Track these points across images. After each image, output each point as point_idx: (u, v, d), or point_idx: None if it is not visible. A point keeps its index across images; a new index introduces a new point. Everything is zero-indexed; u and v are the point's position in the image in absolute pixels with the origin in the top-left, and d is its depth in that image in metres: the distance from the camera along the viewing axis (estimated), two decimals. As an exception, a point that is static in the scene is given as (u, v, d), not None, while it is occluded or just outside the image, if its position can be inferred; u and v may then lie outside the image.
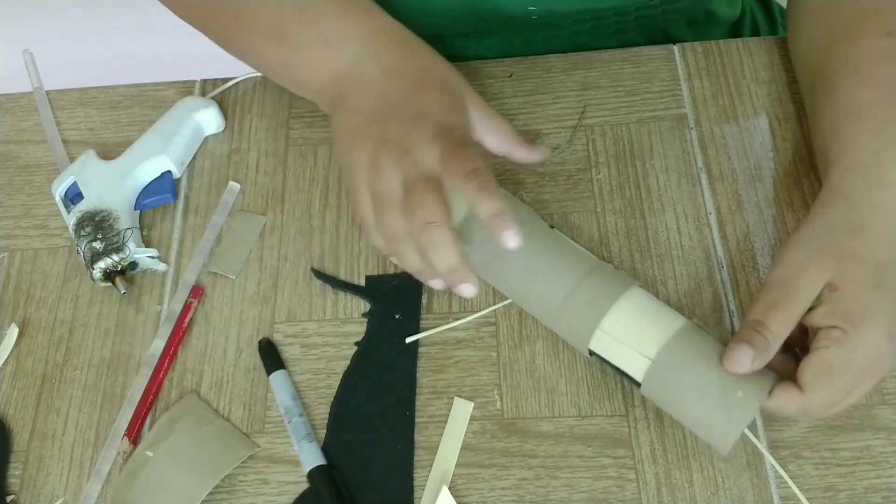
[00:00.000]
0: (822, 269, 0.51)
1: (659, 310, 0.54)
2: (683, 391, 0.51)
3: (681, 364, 0.51)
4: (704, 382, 0.51)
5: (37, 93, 0.74)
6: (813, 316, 0.51)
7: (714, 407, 0.50)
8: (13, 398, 0.60)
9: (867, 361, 0.50)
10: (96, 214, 0.63)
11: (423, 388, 0.58)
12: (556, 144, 0.67)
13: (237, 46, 0.63)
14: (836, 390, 0.50)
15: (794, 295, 0.51)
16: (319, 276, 0.63)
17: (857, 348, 0.50)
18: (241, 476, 0.56)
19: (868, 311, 0.50)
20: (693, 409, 0.51)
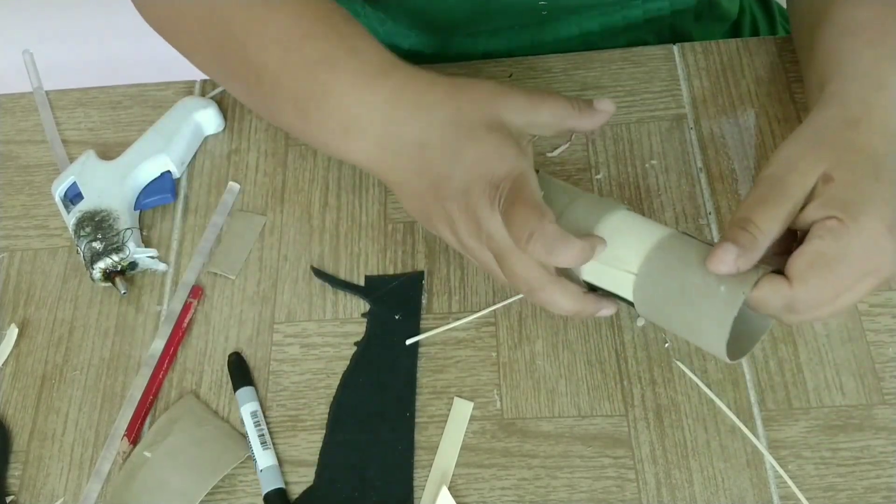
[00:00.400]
0: (815, 161, 0.49)
1: (642, 225, 0.51)
2: (669, 300, 0.49)
3: (664, 273, 0.49)
4: (688, 287, 0.48)
5: (37, 93, 0.74)
6: (807, 210, 0.48)
7: (699, 309, 0.48)
8: (13, 398, 0.60)
9: (864, 254, 0.47)
10: (96, 214, 0.63)
11: (423, 388, 0.58)
12: (556, 144, 0.67)
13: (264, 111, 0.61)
14: (829, 284, 0.47)
15: (785, 189, 0.48)
16: (319, 275, 0.63)
17: (854, 238, 0.46)
18: (241, 476, 0.56)
19: (866, 199, 0.47)
20: (681, 318, 0.49)
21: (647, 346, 0.58)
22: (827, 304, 0.48)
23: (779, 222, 0.48)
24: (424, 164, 0.52)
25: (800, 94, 0.68)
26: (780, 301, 0.48)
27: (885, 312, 0.58)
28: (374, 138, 0.53)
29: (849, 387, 0.56)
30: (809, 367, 0.57)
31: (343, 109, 0.54)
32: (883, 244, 0.47)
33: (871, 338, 0.58)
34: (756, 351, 0.58)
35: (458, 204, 0.50)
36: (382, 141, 0.53)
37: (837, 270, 0.47)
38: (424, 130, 0.52)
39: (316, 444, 0.57)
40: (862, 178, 0.48)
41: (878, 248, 0.47)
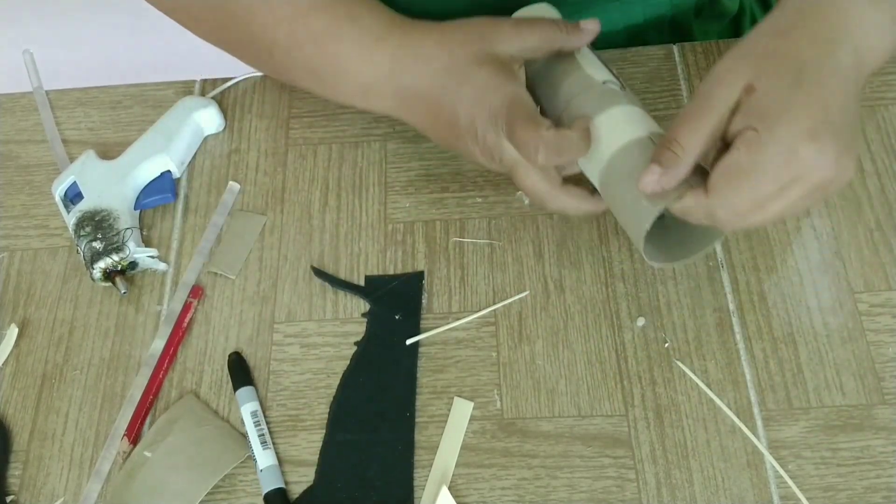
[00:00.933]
0: (740, 72, 0.49)
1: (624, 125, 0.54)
2: (616, 206, 0.54)
3: (614, 182, 0.54)
4: (627, 198, 0.52)
5: (37, 93, 0.74)
6: (731, 123, 0.48)
7: (630, 220, 0.53)
8: (13, 398, 0.60)
9: (781, 163, 0.47)
10: (96, 214, 0.63)
11: (423, 388, 0.58)
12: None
13: (280, 77, 0.67)
14: (744, 194, 0.48)
15: (709, 103, 0.49)
16: (319, 275, 0.63)
17: (769, 147, 0.46)
18: (241, 476, 0.56)
19: (784, 108, 0.47)
20: (625, 223, 0.55)
21: (647, 346, 0.58)
22: (750, 213, 0.49)
23: (701, 137, 0.49)
24: (434, 111, 0.58)
25: (800, 94, 0.68)
26: (701, 211, 0.50)
27: (885, 312, 0.58)
28: (390, 95, 0.59)
29: (849, 387, 0.56)
30: (809, 367, 0.57)
31: (356, 77, 0.60)
32: (803, 152, 0.47)
33: (871, 338, 0.58)
34: (756, 351, 0.58)
35: (471, 139, 0.56)
36: (398, 96, 0.59)
37: (752, 180, 0.47)
38: (426, 81, 0.58)
39: (316, 444, 0.57)
40: (782, 86, 0.48)
41: (797, 156, 0.47)
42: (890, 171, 0.64)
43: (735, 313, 0.59)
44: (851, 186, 0.63)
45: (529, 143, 0.53)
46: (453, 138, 0.58)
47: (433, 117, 0.58)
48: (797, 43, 0.50)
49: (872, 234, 0.61)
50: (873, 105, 0.67)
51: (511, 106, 0.54)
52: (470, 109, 0.56)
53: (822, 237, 0.62)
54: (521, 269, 0.62)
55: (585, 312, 0.60)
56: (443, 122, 0.58)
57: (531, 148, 0.53)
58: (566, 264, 0.62)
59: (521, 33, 0.57)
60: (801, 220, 0.62)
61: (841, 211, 0.62)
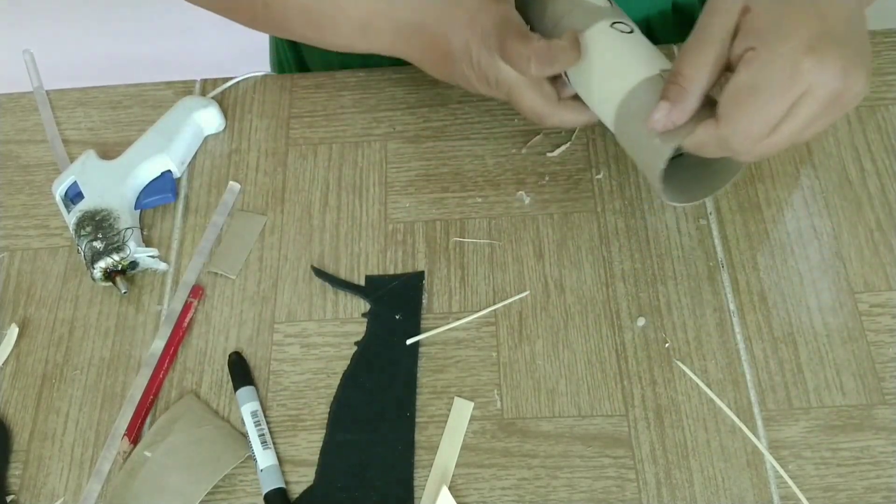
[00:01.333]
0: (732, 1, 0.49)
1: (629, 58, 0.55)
2: (631, 145, 0.55)
3: (628, 120, 0.54)
4: (641, 137, 0.53)
5: (37, 93, 0.74)
6: (733, 48, 0.48)
7: (644, 160, 0.54)
8: (13, 398, 0.60)
9: (785, 79, 0.46)
10: (96, 214, 0.63)
11: (423, 388, 0.58)
12: (556, 144, 0.67)
13: (275, 31, 0.68)
14: (753, 116, 0.47)
15: (706, 33, 0.49)
16: (319, 275, 0.63)
17: (769, 64, 0.46)
18: (241, 476, 0.56)
19: (780, 23, 0.47)
20: (640, 163, 0.56)
21: (647, 346, 0.58)
22: (763, 136, 0.48)
23: (705, 67, 0.49)
24: (430, 41, 0.59)
25: (800, 95, 0.68)
26: (715, 142, 0.49)
27: (885, 312, 0.58)
28: (388, 32, 0.61)
29: (849, 387, 0.56)
30: (809, 367, 0.57)
31: (353, 17, 0.61)
32: (804, 64, 0.46)
33: (871, 338, 0.58)
34: (756, 351, 0.58)
35: (466, 64, 0.58)
36: (395, 31, 0.60)
37: (758, 100, 0.47)
38: (420, 12, 0.59)
39: (316, 443, 0.57)
40: (776, 4, 0.48)
41: (799, 70, 0.46)
42: (890, 171, 0.64)
43: (735, 313, 0.59)
44: (851, 186, 0.63)
45: (522, 56, 0.55)
46: (450, 67, 0.59)
47: (430, 48, 0.60)
48: None
49: (872, 234, 0.61)
50: (873, 105, 0.67)
51: (502, 24, 0.56)
52: (463, 33, 0.57)
53: (822, 237, 0.62)
54: (521, 269, 0.62)
55: (585, 312, 0.60)
56: (440, 52, 0.59)
57: (523, 60, 0.55)
58: (566, 264, 0.62)
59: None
60: (801, 221, 0.62)
61: (841, 211, 0.63)
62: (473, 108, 0.69)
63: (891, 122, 0.66)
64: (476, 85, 0.59)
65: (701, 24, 0.50)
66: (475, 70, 0.58)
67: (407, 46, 0.61)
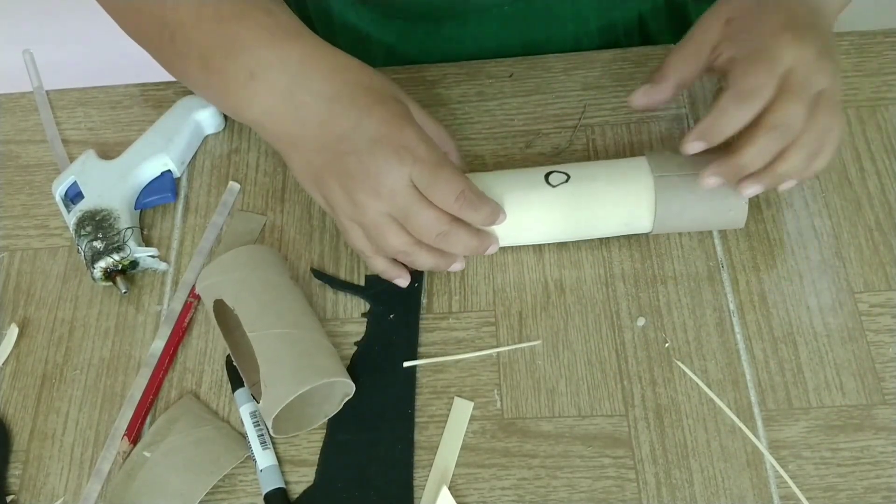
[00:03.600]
0: (718, 13, 0.57)
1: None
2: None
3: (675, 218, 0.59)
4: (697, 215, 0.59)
5: (37, 93, 0.74)
6: (718, 54, 0.55)
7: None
8: (13, 398, 0.60)
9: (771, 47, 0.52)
10: (96, 214, 0.63)
11: (423, 387, 0.58)
12: (556, 144, 0.67)
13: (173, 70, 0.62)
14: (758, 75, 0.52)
15: (692, 35, 0.57)
16: (319, 276, 0.63)
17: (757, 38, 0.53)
18: (241, 476, 0.56)
19: (755, 20, 0.54)
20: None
21: (647, 346, 0.58)
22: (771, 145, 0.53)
23: (685, 60, 0.57)
24: (331, 117, 0.54)
25: (800, 94, 0.68)
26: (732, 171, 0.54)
27: (885, 312, 0.58)
28: (280, 88, 0.55)
29: (849, 387, 0.56)
30: (809, 367, 0.57)
31: (252, 57, 0.55)
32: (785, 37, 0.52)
33: (871, 338, 0.58)
34: (756, 351, 0.58)
35: (360, 159, 0.53)
36: (289, 91, 0.55)
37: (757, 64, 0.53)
38: (336, 87, 0.55)
39: (316, 443, 0.57)
40: (750, 5, 0.55)
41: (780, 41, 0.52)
42: (890, 171, 0.64)
43: (735, 313, 0.59)
44: (851, 186, 0.63)
45: (456, 186, 0.54)
46: (330, 155, 0.55)
47: (320, 126, 0.55)
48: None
49: (872, 234, 0.61)
50: (873, 105, 0.67)
51: (436, 150, 0.55)
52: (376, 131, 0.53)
53: (822, 237, 0.62)
54: (521, 269, 0.62)
55: (585, 312, 0.60)
56: (331, 133, 0.54)
57: (457, 191, 0.54)
58: (566, 264, 0.62)
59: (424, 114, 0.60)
60: (801, 221, 0.62)
61: (841, 211, 0.62)
62: (473, 109, 0.69)
63: (891, 122, 0.66)
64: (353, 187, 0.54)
65: (690, 31, 0.58)
66: (364, 170, 0.53)
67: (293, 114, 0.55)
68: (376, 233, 0.56)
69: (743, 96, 0.53)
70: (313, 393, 0.56)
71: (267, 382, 0.53)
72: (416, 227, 0.55)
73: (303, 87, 0.55)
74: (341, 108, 0.54)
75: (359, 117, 0.54)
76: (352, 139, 0.54)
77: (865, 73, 0.68)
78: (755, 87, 0.52)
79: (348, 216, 0.56)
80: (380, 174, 0.53)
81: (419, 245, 0.57)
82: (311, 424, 0.57)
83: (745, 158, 0.53)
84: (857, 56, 0.69)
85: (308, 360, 0.54)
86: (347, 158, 0.54)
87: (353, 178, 0.54)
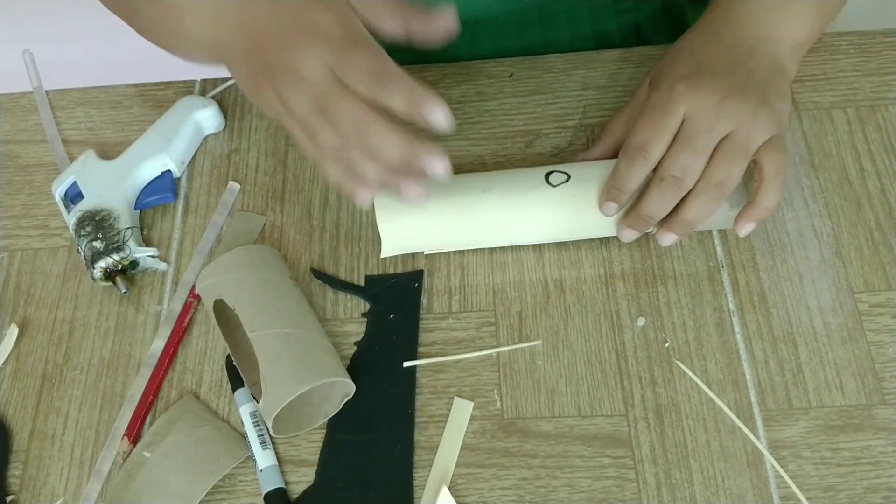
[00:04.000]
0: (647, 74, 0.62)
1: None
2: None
3: None
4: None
5: (37, 93, 0.74)
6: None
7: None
8: (13, 398, 0.60)
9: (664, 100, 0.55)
10: (96, 214, 0.63)
11: (423, 387, 0.58)
12: (556, 144, 0.67)
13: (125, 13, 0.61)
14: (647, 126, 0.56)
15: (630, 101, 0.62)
16: (319, 277, 0.63)
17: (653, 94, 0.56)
18: (241, 476, 0.56)
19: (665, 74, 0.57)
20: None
21: (647, 346, 0.58)
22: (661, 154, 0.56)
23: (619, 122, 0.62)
24: (249, 20, 0.52)
25: (800, 94, 0.68)
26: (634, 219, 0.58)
27: (885, 312, 0.58)
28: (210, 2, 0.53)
29: (849, 387, 0.56)
30: (809, 367, 0.57)
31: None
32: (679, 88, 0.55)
33: (871, 338, 0.58)
34: (756, 351, 0.58)
35: (280, 52, 0.50)
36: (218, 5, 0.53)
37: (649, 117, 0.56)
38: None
39: (316, 443, 0.57)
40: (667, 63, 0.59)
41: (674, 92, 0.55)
42: (890, 171, 0.64)
43: (735, 313, 0.59)
44: (851, 186, 0.63)
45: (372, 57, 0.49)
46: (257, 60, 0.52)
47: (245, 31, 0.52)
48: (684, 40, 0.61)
49: (872, 234, 0.61)
50: (873, 105, 0.67)
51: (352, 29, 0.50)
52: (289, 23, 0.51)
53: (822, 237, 0.62)
54: (521, 269, 0.62)
55: (585, 312, 0.60)
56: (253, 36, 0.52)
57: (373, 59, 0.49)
58: (566, 264, 0.62)
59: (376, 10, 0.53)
60: (801, 221, 0.62)
61: (841, 211, 0.62)
62: (473, 109, 0.69)
63: (891, 122, 0.66)
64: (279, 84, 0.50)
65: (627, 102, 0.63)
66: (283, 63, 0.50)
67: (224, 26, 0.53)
68: (309, 133, 0.51)
69: (630, 154, 0.56)
70: (313, 393, 0.56)
71: (267, 382, 0.53)
72: (335, 120, 0.50)
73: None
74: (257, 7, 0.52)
75: (273, 14, 0.51)
76: (270, 33, 0.51)
77: (865, 73, 0.68)
78: (641, 144, 0.55)
79: (286, 119, 0.52)
80: (294, 62, 0.49)
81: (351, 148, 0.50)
82: (311, 424, 0.57)
83: (644, 210, 0.56)
84: (857, 56, 0.69)
85: (308, 361, 0.54)
86: (269, 55, 0.51)
87: (276, 74, 0.50)
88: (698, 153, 0.54)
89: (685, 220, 0.57)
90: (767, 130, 0.55)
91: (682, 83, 0.55)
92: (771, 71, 0.57)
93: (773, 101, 0.55)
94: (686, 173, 0.54)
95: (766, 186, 0.56)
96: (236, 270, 0.58)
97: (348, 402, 0.57)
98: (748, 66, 0.56)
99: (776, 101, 0.56)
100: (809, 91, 0.68)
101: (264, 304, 0.56)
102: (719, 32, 0.59)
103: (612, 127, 0.62)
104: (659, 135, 0.55)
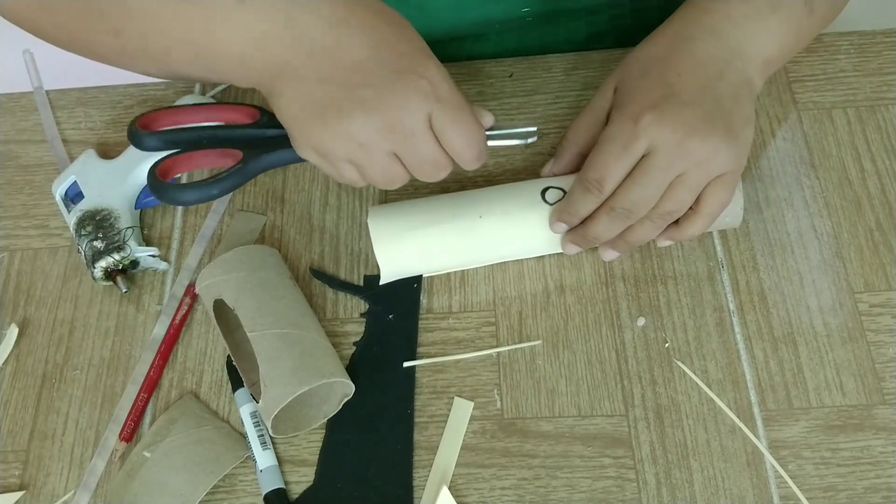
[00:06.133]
0: (612, 80, 0.60)
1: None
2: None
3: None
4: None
5: (37, 93, 0.74)
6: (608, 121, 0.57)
7: None
8: (13, 398, 0.60)
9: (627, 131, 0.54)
10: (97, 213, 0.63)
11: (423, 387, 0.58)
12: (556, 144, 0.67)
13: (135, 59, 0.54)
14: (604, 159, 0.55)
15: (587, 109, 0.61)
16: (319, 277, 0.63)
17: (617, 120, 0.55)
18: (241, 476, 0.56)
19: (634, 93, 0.56)
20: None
21: (647, 346, 0.58)
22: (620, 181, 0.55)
23: (580, 131, 0.60)
24: (339, 43, 0.48)
25: (800, 94, 0.68)
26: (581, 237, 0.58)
27: (885, 312, 0.58)
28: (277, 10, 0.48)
29: (849, 387, 0.56)
30: (809, 367, 0.57)
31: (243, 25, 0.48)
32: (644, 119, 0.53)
33: (871, 338, 0.58)
34: (756, 351, 0.58)
35: (379, 93, 0.48)
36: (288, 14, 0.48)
37: (608, 147, 0.55)
38: (343, 9, 0.48)
39: (316, 444, 0.57)
40: (633, 79, 0.57)
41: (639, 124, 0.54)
42: (890, 171, 0.64)
43: (735, 313, 0.59)
44: (851, 186, 0.63)
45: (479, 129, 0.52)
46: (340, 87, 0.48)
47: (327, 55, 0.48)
48: (657, 44, 0.58)
49: (872, 234, 0.61)
50: (873, 105, 0.67)
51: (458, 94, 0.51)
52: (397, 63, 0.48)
53: (822, 237, 0.62)
54: (521, 269, 0.62)
55: (585, 312, 0.60)
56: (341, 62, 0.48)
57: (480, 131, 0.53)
58: (566, 264, 0.62)
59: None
60: (801, 221, 0.62)
61: (841, 211, 0.62)
62: (473, 108, 0.69)
63: (891, 122, 0.66)
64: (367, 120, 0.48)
65: (588, 104, 0.61)
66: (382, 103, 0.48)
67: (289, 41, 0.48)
68: (371, 170, 0.51)
69: (585, 185, 0.56)
70: (313, 393, 0.56)
71: (266, 382, 0.53)
72: (415, 164, 0.51)
73: (305, 8, 0.48)
74: (351, 34, 0.48)
75: (376, 46, 0.48)
76: (368, 70, 0.48)
77: (865, 73, 0.68)
78: (598, 178, 0.55)
79: (345, 156, 0.50)
80: (401, 110, 0.48)
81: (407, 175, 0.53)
82: (311, 425, 0.57)
83: (591, 232, 0.57)
84: (857, 56, 0.69)
85: (308, 361, 0.54)
86: (363, 91, 0.48)
87: (368, 112, 0.48)
88: (652, 189, 0.55)
89: (629, 242, 0.58)
90: (724, 167, 0.54)
91: (648, 114, 0.53)
92: (739, 92, 0.56)
93: (738, 129, 0.54)
94: (637, 207, 0.55)
95: (697, 219, 0.57)
96: (236, 270, 0.58)
97: (348, 402, 0.57)
98: (717, 91, 0.55)
99: (741, 128, 0.55)
100: (809, 91, 0.68)
101: (264, 304, 0.56)
102: (694, 41, 0.57)
103: (573, 137, 0.60)
104: (616, 170, 0.54)
